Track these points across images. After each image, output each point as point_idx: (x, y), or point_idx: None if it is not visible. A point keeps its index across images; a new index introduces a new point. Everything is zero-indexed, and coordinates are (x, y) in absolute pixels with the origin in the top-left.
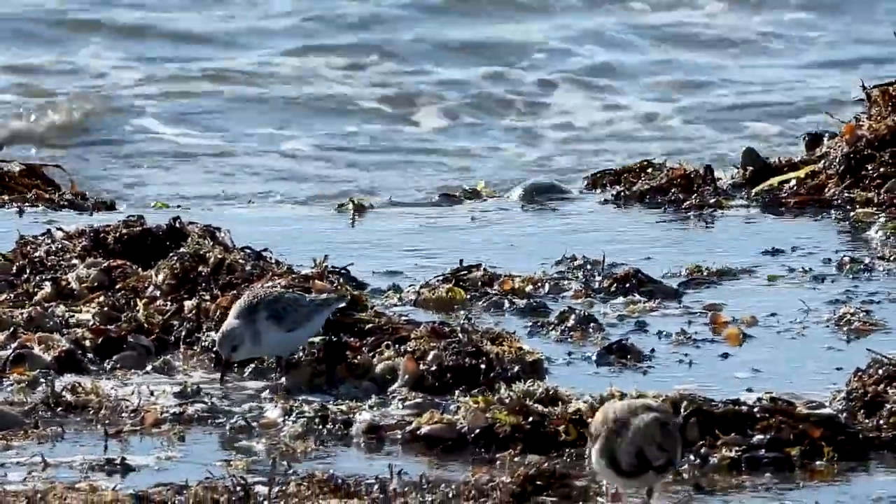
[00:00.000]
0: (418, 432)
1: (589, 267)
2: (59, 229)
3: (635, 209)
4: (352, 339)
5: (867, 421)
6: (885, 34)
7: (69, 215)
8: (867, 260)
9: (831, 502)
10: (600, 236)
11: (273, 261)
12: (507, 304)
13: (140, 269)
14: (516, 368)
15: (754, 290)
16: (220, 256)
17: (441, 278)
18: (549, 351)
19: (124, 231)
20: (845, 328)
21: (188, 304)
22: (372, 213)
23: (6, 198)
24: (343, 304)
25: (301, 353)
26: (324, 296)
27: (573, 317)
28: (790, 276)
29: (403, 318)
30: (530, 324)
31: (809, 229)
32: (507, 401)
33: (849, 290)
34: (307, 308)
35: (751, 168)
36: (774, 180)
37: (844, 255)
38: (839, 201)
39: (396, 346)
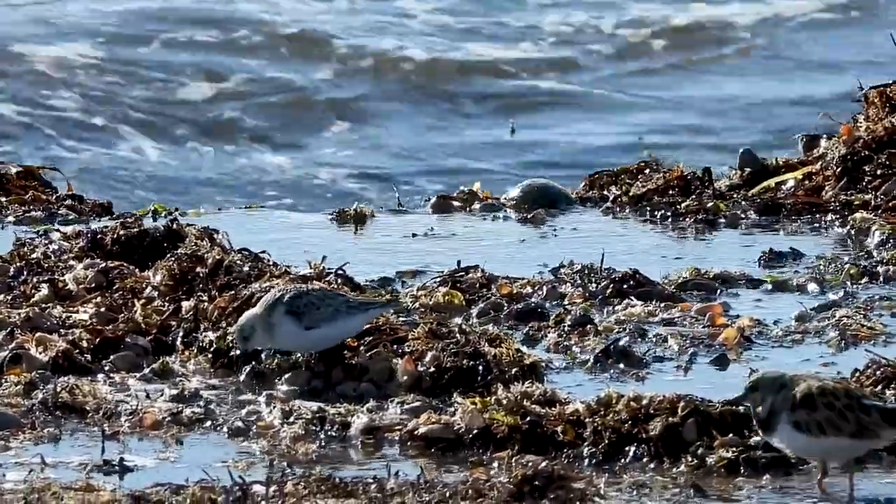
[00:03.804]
0: (416, 432)
1: (586, 271)
2: (57, 230)
3: (632, 212)
4: (349, 339)
5: None
6: None
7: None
8: (865, 264)
9: None
10: (598, 239)
11: (271, 262)
12: (504, 307)
13: (137, 271)
14: (514, 370)
15: (752, 293)
16: (218, 257)
17: (438, 280)
18: (547, 354)
19: (122, 232)
20: (844, 332)
21: (186, 304)
22: (371, 220)
23: (3, 200)
24: (387, 310)
25: (298, 355)
26: (361, 298)
27: (569, 318)
28: (788, 279)
29: (401, 318)
30: (527, 327)
31: (807, 232)
32: (504, 402)
33: (847, 294)
34: (334, 308)
35: (748, 169)
36: (771, 181)
37: (843, 259)
38: (837, 205)
39: (394, 346)
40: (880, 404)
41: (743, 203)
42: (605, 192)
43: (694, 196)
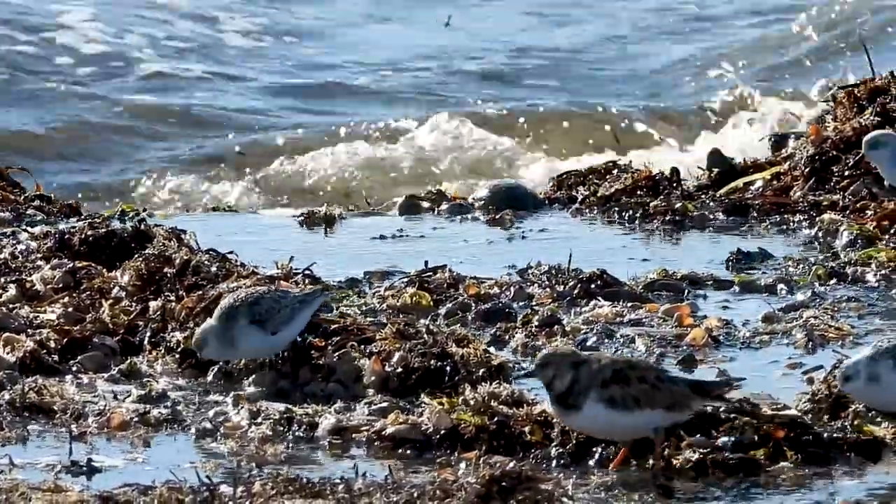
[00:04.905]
0: (384, 433)
1: (554, 272)
2: (25, 230)
3: (600, 212)
4: (317, 339)
5: (832, 423)
6: None
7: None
8: (833, 265)
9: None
10: (566, 240)
11: (238, 263)
12: (472, 308)
13: (105, 271)
14: (481, 371)
15: (720, 294)
16: (185, 257)
17: (406, 281)
18: (514, 356)
19: (89, 233)
20: (811, 332)
21: (153, 304)
22: (340, 222)
23: None
24: (327, 297)
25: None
26: (307, 290)
27: (537, 319)
28: (756, 280)
29: (368, 318)
30: (495, 328)
31: (776, 233)
32: (472, 402)
33: (815, 295)
34: (290, 307)
35: (717, 169)
36: (740, 182)
37: (810, 260)
38: (805, 205)
39: (362, 346)
40: (684, 377)
41: (711, 204)
42: (574, 193)
43: (662, 196)
